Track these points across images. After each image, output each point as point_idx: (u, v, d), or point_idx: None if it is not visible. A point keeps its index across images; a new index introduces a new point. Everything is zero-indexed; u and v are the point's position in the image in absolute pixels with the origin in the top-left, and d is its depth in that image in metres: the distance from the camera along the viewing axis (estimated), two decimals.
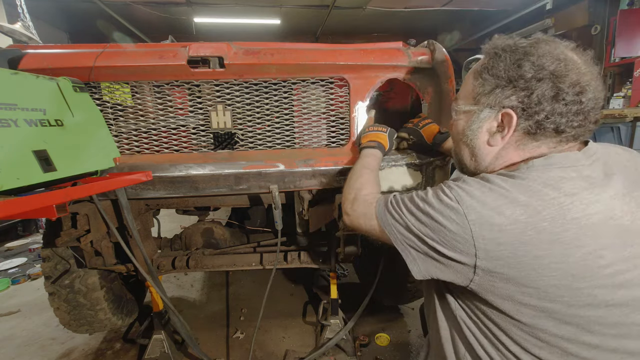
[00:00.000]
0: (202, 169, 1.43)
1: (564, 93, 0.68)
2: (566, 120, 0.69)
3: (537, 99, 0.69)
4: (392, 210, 0.80)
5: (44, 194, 0.88)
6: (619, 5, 5.21)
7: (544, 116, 0.69)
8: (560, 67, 0.68)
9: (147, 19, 6.54)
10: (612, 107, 4.90)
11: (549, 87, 0.68)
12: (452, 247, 0.68)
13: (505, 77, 0.73)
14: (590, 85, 0.69)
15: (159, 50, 1.37)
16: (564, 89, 0.68)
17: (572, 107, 0.68)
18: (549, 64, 0.69)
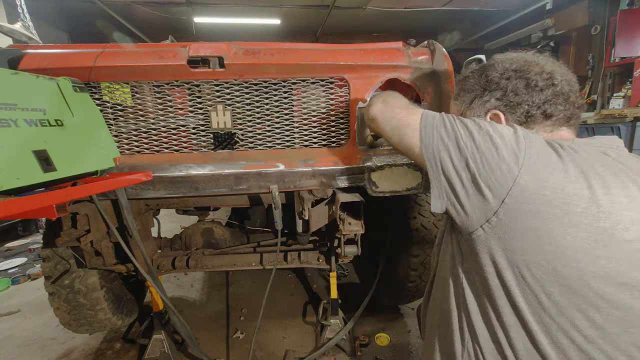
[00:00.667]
0: (202, 169, 1.43)
1: (534, 81, 0.75)
2: (548, 105, 0.74)
3: (513, 92, 0.76)
4: (446, 119, 0.75)
5: (44, 194, 0.88)
6: (619, 5, 5.21)
7: (527, 106, 0.75)
8: (520, 64, 0.77)
9: (147, 19, 6.54)
10: (612, 107, 4.91)
11: (517, 80, 0.76)
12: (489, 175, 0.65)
13: (478, 87, 0.81)
14: (555, 72, 0.76)
15: (159, 50, 1.37)
16: (531, 77, 0.75)
17: (548, 91, 0.74)
18: (509, 65, 0.78)
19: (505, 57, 0.80)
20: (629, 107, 4.64)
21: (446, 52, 1.50)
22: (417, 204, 1.98)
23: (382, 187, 1.53)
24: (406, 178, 1.53)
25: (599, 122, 4.46)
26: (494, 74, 0.79)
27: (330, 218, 1.59)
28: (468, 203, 0.69)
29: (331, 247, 1.88)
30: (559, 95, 0.74)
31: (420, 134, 0.76)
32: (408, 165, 1.52)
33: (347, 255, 1.67)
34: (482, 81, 0.81)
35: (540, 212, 0.62)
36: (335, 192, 1.53)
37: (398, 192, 1.56)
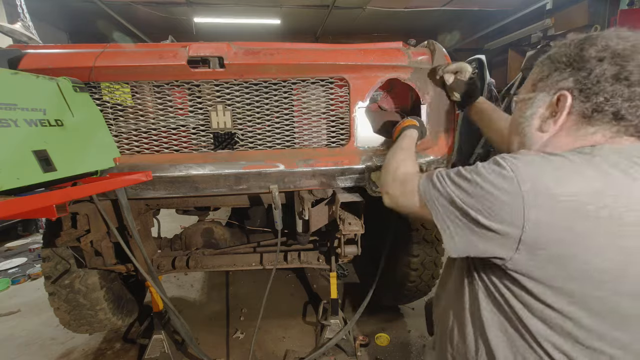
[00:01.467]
0: (202, 169, 1.43)
1: (627, 72, 0.61)
2: (628, 105, 0.62)
3: (596, 78, 0.64)
4: (437, 183, 0.75)
5: (44, 194, 0.88)
6: (619, 5, 5.21)
7: (603, 98, 0.63)
8: (627, 47, 0.63)
9: (147, 19, 6.55)
10: None
11: (610, 65, 0.63)
12: (498, 217, 0.63)
13: (565, 60, 0.69)
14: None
15: (159, 50, 1.37)
16: (627, 67, 0.62)
17: (637, 89, 0.61)
18: (615, 44, 0.64)
19: (615, 34, 0.66)
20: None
21: (446, 52, 1.50)
22: None
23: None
24: None
25: None
26: (590, 50, 0.65)
27: (330, 218, 1.59)
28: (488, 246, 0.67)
29: (331, 247, 1.88)
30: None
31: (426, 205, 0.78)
32: None
33: (347, 255, 1.67)
34: (574, 52, 0.68)
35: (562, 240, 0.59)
36: (335, 192, 1.53)
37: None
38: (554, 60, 0.72)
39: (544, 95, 0.72)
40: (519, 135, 0.78)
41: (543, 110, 0.73)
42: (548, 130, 0.72)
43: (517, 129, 0.79)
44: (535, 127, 0.74)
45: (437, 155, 1.53)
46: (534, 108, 0.74)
